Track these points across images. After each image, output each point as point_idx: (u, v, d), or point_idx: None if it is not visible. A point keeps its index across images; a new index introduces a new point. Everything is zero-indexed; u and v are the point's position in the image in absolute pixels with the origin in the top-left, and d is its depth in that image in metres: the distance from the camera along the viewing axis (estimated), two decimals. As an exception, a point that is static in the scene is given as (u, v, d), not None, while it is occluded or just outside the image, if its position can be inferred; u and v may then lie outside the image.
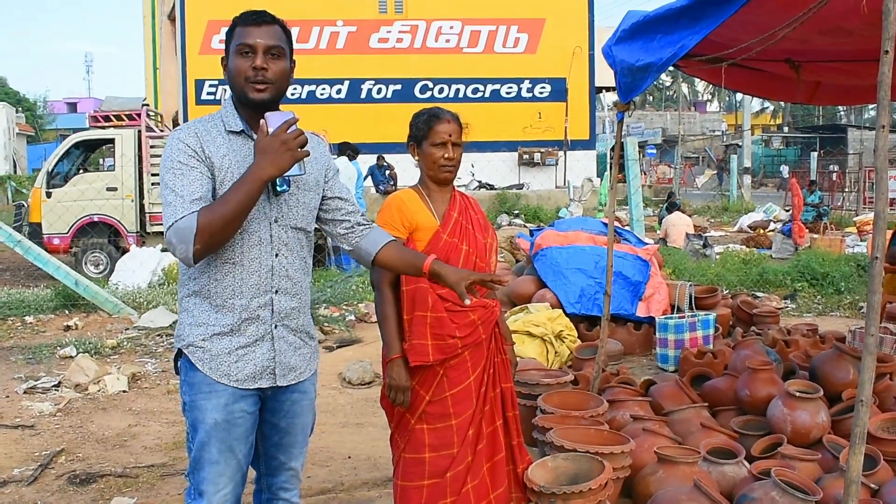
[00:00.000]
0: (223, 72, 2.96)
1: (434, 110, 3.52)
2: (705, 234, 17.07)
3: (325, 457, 5.66)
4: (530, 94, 26.23)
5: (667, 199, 21.54)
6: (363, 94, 25.32)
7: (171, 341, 8.77)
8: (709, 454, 4.06)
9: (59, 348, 8.64)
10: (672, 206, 18.42)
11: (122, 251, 13.99)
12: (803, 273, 11.85)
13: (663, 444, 4.12)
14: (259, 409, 3.02)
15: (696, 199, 32.64)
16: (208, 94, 24.26)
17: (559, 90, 25.98)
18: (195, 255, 2.74)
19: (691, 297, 7.28)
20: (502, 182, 25.08)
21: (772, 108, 66.67)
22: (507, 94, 26.16)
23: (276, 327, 2.97)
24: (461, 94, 25.74)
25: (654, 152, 51.96)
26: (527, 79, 26.16)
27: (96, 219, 14.40)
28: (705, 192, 38.96)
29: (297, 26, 23.19)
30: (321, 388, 7.39)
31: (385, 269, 3.23)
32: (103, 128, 15.21)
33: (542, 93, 26.27)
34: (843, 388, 4.83)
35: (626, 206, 14.70)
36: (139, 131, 14.49)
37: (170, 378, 7.71)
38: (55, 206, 14.11)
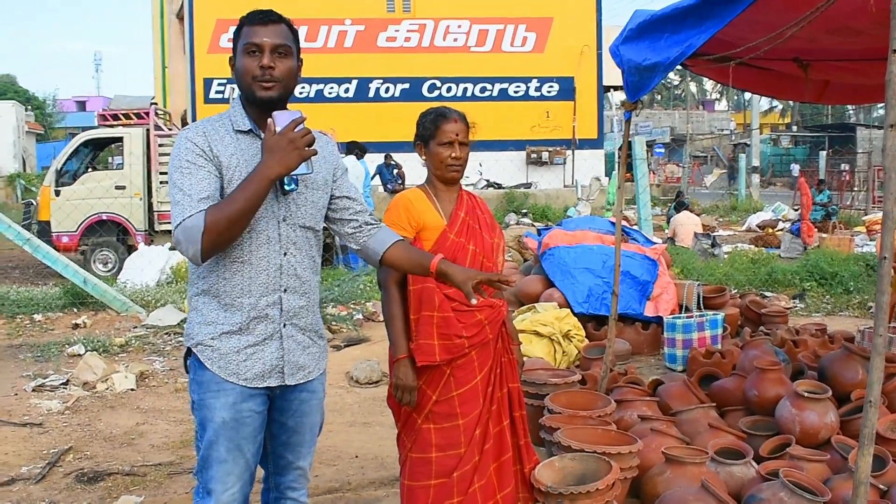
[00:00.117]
0: (231, 71, 2.96)
1: (441, 109, 3.51)
2: (714, 234, 17.04)
3: (333, 456, 5.66)
4: (538, 94, 26.20)
5: (675, 198, 21.49)
6: (371, 93, 25.32)
7: (180, 339, 8.83)
8: (717, 454, 4.05)
9: (67, 346, 8.67)
10: (680, 206, 18.39)
11: (131, 249, 14.03)
12: (812, 273, 11.81)
13: (671, 445, 4.10)
14: (268, 409, 3.01)
15: (704, 199, 32.57)
16: (216, 92, 24.29)
17: (567, 89, 25.95)
18: (203, 253, 2.74)
19: (699, 297, 7.26)
20: (510, 181, 25.04)
21: (780, 107, 66.51)
22: (515, 93, 26.13)
23: (284, 326, 2.96)
24: (469, 93, 25.73)
25: (663, 151, 51.83)
26: (535, 78, 26.13)
27: (105, 217, 14.45)
28: (714, 192, 38.86)
29: (306, 25, 23.22)
30: (328, 387, 7.40)
31: (392, 268, 3.23)
32: (112, 126, 15.25)
33: (550, 92, 26.23)
34: (852, 389, 4.81)
35: (635, 206, 14.67)
36: (148, 130, 14.52)
37: (178, 376, 7.72)
38: (64, 205, 14.16)
